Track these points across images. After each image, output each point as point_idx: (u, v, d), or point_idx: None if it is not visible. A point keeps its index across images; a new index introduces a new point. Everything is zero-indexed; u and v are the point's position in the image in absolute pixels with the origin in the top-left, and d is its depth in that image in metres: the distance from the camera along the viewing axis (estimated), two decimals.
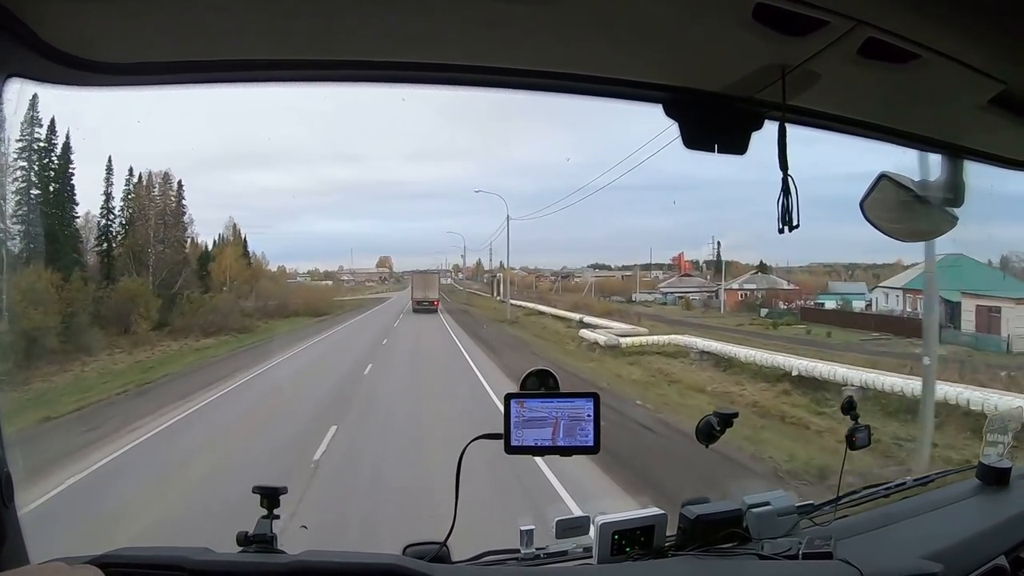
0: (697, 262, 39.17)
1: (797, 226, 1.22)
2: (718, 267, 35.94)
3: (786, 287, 32.82)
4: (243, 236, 30.46)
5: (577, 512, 1.57)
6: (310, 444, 8.98)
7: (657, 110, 1.31)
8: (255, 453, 8.74)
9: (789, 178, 1.21)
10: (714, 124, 1.31)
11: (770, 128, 1.34)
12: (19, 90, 1.24)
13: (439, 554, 1.45)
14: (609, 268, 42.78)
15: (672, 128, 1.32)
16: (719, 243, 36.38)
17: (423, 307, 35.63)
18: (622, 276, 41.52)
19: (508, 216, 32.99)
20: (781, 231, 1.22)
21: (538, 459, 6.20)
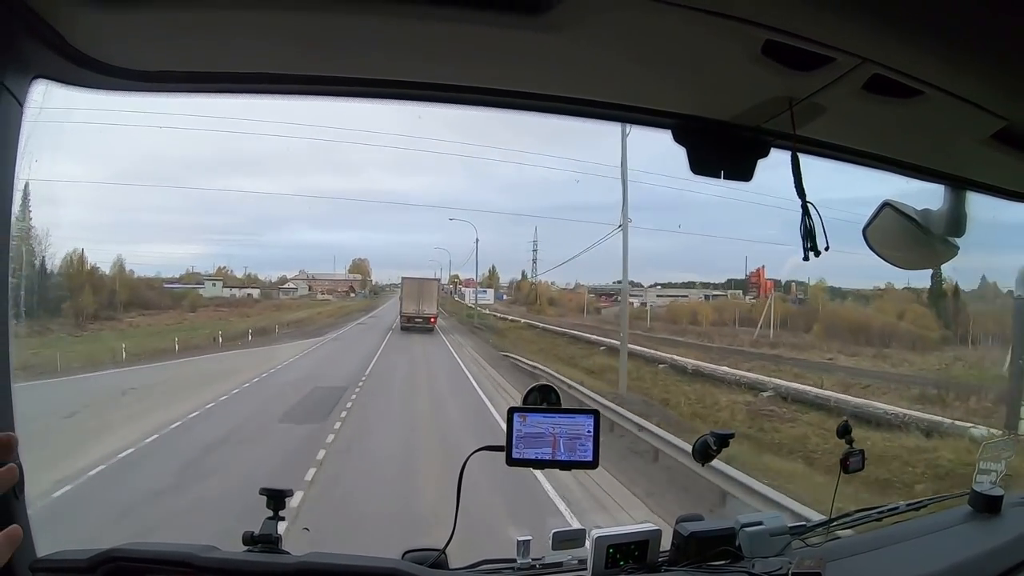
0: (779, 281, 28.02)
1: (827, 248, 1.23)
2: None
3: None
4: None
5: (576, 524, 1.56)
6: None
7: (663, 135, 1.34)
8: None
9: (810, 204, 1.23)
10: (721, 152, 1.34)
11: (774, 156, 1.37)
12: (44, 92, 1.27)
13: (437, 560, 1.48)
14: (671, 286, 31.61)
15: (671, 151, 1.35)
16: None
17: (416, 324, 25.55)
18: (731, 296, 29.49)
19: (625, 217, 16.34)
20: (806, 258, 1.23)
21: None
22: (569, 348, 23.57)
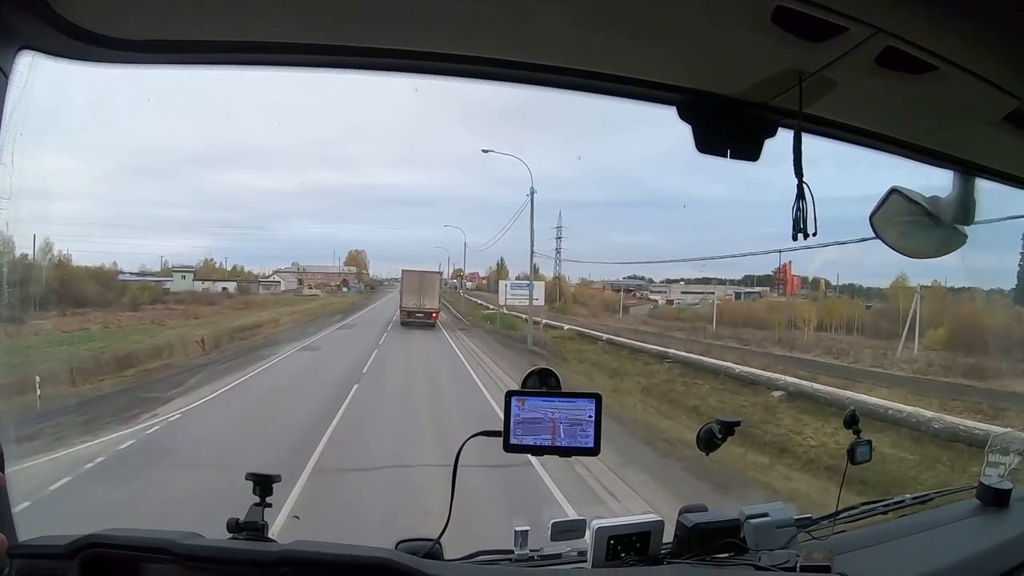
0: (807, 278, 25.41)
1: (814, 234, 1.22)
2: None
3: None
4: None
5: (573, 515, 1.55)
6: None
7: (667, 118, 1.30)
8: None
9: (805, 185, 1.21)
10: (728, 129, 1.31)
11: (783, 138, 1.33)
12: (30, 63, 1.23)
13: (432, 551, 1.43)
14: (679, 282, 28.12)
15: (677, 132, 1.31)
16: None
17: (417, 319, 23.70)
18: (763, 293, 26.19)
19: None
20: (795, 238, 1.21)
21: None
22: (704, 392, 13.21)
